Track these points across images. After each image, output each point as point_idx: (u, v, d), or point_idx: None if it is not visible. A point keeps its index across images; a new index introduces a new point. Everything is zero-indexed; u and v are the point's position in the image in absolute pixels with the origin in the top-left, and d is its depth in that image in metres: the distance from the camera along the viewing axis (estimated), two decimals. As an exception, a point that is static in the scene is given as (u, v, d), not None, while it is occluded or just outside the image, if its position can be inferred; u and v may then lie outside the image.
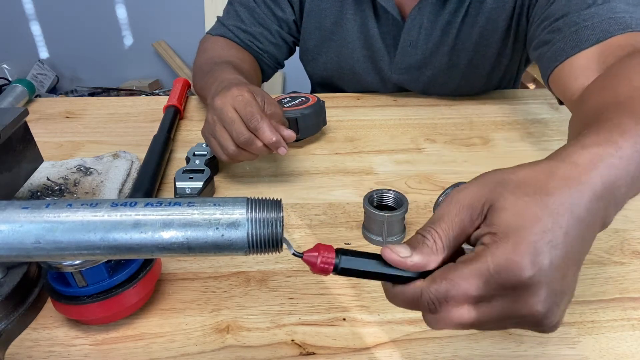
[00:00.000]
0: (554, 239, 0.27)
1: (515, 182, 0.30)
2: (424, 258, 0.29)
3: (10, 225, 0.28)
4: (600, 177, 0.30)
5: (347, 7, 0.85)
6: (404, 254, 0.29)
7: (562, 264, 0.27)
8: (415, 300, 0.29)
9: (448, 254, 0.30)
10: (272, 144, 0.56)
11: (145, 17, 2.58)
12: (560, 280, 0.28)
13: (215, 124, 0.58)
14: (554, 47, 0.63)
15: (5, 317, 0.41)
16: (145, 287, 0.42)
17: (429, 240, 0.30)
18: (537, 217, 0.27)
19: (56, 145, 0.75)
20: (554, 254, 0.27)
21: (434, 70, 0.86)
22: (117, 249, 0.28)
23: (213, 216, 0.29)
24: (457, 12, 0.79)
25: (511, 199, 0.29)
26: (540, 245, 0.27)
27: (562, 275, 0.28)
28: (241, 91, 0.58)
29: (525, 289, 0.27)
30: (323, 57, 0.92)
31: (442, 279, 0.28)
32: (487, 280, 0.27)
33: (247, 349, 0.40)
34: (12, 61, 2.57)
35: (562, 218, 0.28)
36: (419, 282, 0.29)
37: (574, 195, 0.29)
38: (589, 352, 0.40)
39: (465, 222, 0.30)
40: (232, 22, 0.87)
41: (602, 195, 0.30)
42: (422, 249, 0.29)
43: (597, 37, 0.57)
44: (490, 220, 0.29)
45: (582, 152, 0.31)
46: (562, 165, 0.30)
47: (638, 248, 0.51)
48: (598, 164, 0.30)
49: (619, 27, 0.56)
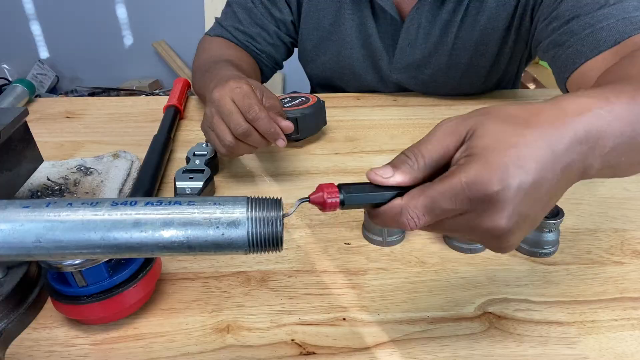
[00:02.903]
0: (525, 165, 0.29)
1: (501, 114, 0.31)
2: (405, 176, 0.32)
3: (10, 224, 0.28)
4: (584, 123, 0.31)
5: (345, 7, 0.85)
6: (387, 174, 0.32)
7: (531, 189, 0.29)
8: (396, 216, 0.31)
9: (428, 173, 0.32)
10: (270, 134, 0.56)
11: (145, 17, 2.58)
12: (526, 204, 0.29)
13: (213, 116, 0.58)
14: (569, 50, 0.63)
15: (5, 316, 0.41)
16: (145, 286, 0.42)
17: (411, 160, 0.32)
18: (513, 143, 0.29)
19: (56, 145, 0.75)
20: (524, 178, 0.29)
21: (433, 70, 0.86)
22: (118, 248, 0.28)
23: (213, 215, 0.29)
24: (455, 12, 0.80)
25: (492, 127, 0.30)
26: (510, 167, 0.29)
27: (529, 200, 0.29)
28: (239, 83, 0.58)
29: (492, 203, 0.29)
30: (322, 57, 0.92)
31: (419, 195, 0.31)
32: (457, 194, 0.29)
33: (247, 349, 0.40)
34: (12, 61, 2.57)
35: (538, 150, 0.29)
36: (397, 201, 0.31)
37: (554, 133, 0.30)
38: (589, 352, 0.40)
39: (449, 146, 0.32)
40: (230, 23, 0.88)
41: (583, 140, 0.30)
42: (404, 168, 0.32)
43: (614, 38, 0.58)
44: (469, 144, 0.31)
45: (573, 100, 0.32)
46: (549, 107, 0.31)
47: (638, 248, 0.51)
48: (585, 112, 0.31)
49: (635, 27, 0.57)
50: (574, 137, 0.30)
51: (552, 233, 0.49)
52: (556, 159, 0.30)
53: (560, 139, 0.30)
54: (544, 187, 0.30)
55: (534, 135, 0.29)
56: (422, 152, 0.32)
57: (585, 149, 0.31)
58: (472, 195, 0.29)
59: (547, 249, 0.49)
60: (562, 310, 0.44)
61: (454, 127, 0.32)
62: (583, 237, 0.53)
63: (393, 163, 0.33)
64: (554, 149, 0.29)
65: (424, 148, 0.32)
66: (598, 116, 0.31)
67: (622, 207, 0.58)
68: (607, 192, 0.61)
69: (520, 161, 0.29)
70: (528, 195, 0.29)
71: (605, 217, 0.56)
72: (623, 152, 0.32)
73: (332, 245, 0.52)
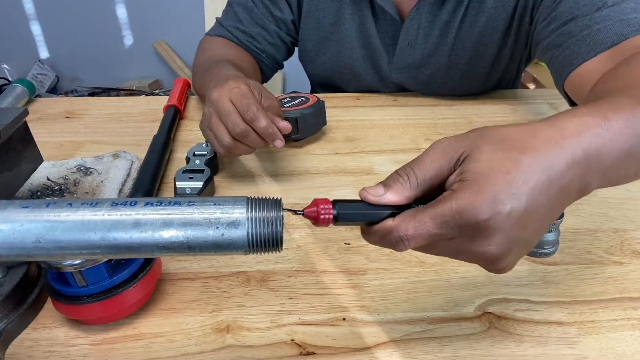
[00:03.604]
0: (517, 192, 0.29)
1: (497, 137, 0.31)
2: (396, 195, 0.32)
3: (10, 224, 0.28)
4: (582, 144, 0.30)
5: (345, 7, 0.85)
6: (379, 193, 0.32)
7: (523, 215, 0.29)
8: (386, 236, 0.31)
9: (421, 192, 0.32)
10: (268, 135, 0.56)
11: (145, 17, 2.58)
12: (518, 230, 0.29)
13: (212, 116, 0.58)
14: (567, 51, 0.63)
15: (5, 316, 0.41)
16: (145, 287, 0.42)
17: (402, 178, 0.32)
18: (507, 170, 0.29)
19: (56, 145, 0.75)
20: (515, 204, 0.29)
21: (433, 70, 0.86)
22: (117, 249, 0.28)
23: (213, 215, 0.29)
24: (455, 12, 0.80)
25: (487, 151, 0.30)
26: (502, 195, 0.29)
27: (521, 225, 0.29)
28: (238, 83, 0.58)
29: (481, 231, 0.29)
30: (322, 57, 0.92)
31: (410, 219, 0.31)
32: (447, 221, 0.29)
33: (247, 349, 0.40)
34: (12, 61, 2.57)
35: (533, 175, 0.29)
36: (389, 221, 0.31)
37: (551, 157, 0.30)
38: (589, 352, 0.40)
39: (443, 167, 0.32)
40: (230, 23, 0.88)
41: (581, 162, 0.30)
42: (395, 187, 0.32)
43: (611, 40, 0.58)
44: (463, 168, 0.31)
45: (571, 119, 0.32)
46: (546, 128, 0.31)
47: (638, 248, 0.51)
48: (583, 132, 0.31)
49: (632, 29, 0.57)
50: (570, 159, 0.30)
51: (552, 233, 0.49)
52: (552, 183, 0.29)
53: (556, 163, 0.30)
54: (537, 212, 0.30)
55: (529, 161, 0.29)
56: (415, 171, 0.32)
57: (582, 170, 0.30)
58: (462, 223, 0.29)
59: (547, 249, 0.49)
60: (562, 310, 0.44)
61: (448, 147, 0.32)
62: (583, 237, 0.53)
63: (385, 182, 0.33)
64: (549, 174, 0.29)
65: (416, 167, 0.32)
66: (596, 135, 0.31)
67: (622, 207, 0.58)
68: (607, 192, 0.61)
69: (513, 188, 0.29)
70: (520, 221, 0.29)
71: (605, 217, 0.56)
72: (622, 166, 0.33)
73: (332, 245, 0.52)
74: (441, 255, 0.33)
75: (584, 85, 0.59)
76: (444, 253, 0.32)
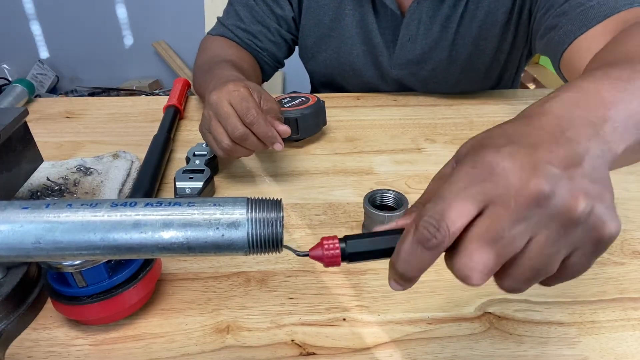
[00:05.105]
0: (505, 127, 0.30)
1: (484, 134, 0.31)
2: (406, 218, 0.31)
3: (10, 225, 0.28)
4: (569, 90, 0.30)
5: (346, 3, 0.85)
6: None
7: (518, 131, 0.28)
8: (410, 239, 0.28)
9: None
10: (267, 138, 0.56)
11: (145, 17, 2.58)
12: (528, 148, 0.27)
13: (211, 118, 0.58)
14: (561, 31, 0.63)
15: (5, 317, 0.41)
16: (145, 287, 0.42)
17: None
18: (497, 129, 0.30)
19: (56, 145, 0.75)
20: (506, 126, 0.29)
21: (433, 65, 0.86)
22: (117, 249, 0.28)
23: (213, 216, 0.29)
24: (456, 7, 0.80)
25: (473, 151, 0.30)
26: (494, 130, 0.30)
27: (530, 144, 0.27)
28: (237, 86, 0.58)
29: (487, 161, 0.27)
30: (322, 53, 0.92)
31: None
32: (463, 175, 0.27)
33: (247, 349, 0.40)
34: (12, 61, 2.57)
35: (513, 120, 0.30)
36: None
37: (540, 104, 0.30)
38: (589, 352, 0.40)
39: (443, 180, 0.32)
40: (231, 22, 0.88)
41: (571, 99, 0.30)
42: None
43: (604, 13, 0.58)
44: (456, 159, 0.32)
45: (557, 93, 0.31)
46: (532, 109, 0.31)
47: (638, 248, 0.51)
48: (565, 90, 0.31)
49: (625, 2, 0.57)
50: (551, 99, 0.30)
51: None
52: (537, 106, 0.30)
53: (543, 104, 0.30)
54: (532, 126, 0.28)
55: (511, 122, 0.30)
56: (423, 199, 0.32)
57: (571, 101, 0.30)
58: (476, 165, 0.26)
59: (547, 249, 0.49)
60: (562, 310, 0.44)
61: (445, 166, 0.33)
62: (583, 237, 0.53)
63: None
64: (531, 107, 0.31)
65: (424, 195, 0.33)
66: None
67: (622, 207, 0.58)
68: (607, 192, 0.60)
69: (500, 130, 0.29)
70: (523, 140, 0.27)
71: (605, 217, 0.56)
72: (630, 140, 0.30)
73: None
74: (507, 244, 0.27)
75: (579, 62, 0.58)
76: (504, 234, 0.26)
